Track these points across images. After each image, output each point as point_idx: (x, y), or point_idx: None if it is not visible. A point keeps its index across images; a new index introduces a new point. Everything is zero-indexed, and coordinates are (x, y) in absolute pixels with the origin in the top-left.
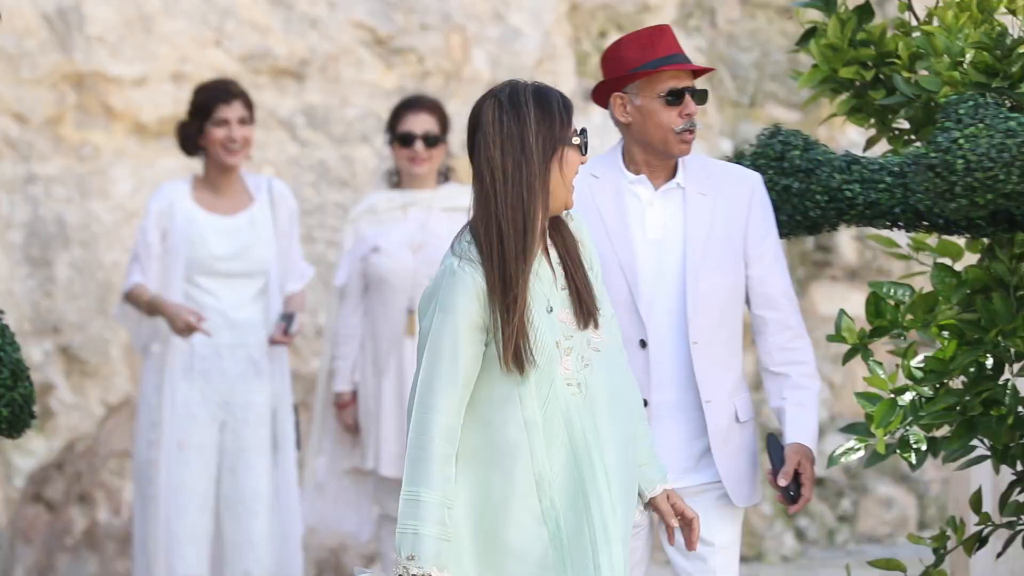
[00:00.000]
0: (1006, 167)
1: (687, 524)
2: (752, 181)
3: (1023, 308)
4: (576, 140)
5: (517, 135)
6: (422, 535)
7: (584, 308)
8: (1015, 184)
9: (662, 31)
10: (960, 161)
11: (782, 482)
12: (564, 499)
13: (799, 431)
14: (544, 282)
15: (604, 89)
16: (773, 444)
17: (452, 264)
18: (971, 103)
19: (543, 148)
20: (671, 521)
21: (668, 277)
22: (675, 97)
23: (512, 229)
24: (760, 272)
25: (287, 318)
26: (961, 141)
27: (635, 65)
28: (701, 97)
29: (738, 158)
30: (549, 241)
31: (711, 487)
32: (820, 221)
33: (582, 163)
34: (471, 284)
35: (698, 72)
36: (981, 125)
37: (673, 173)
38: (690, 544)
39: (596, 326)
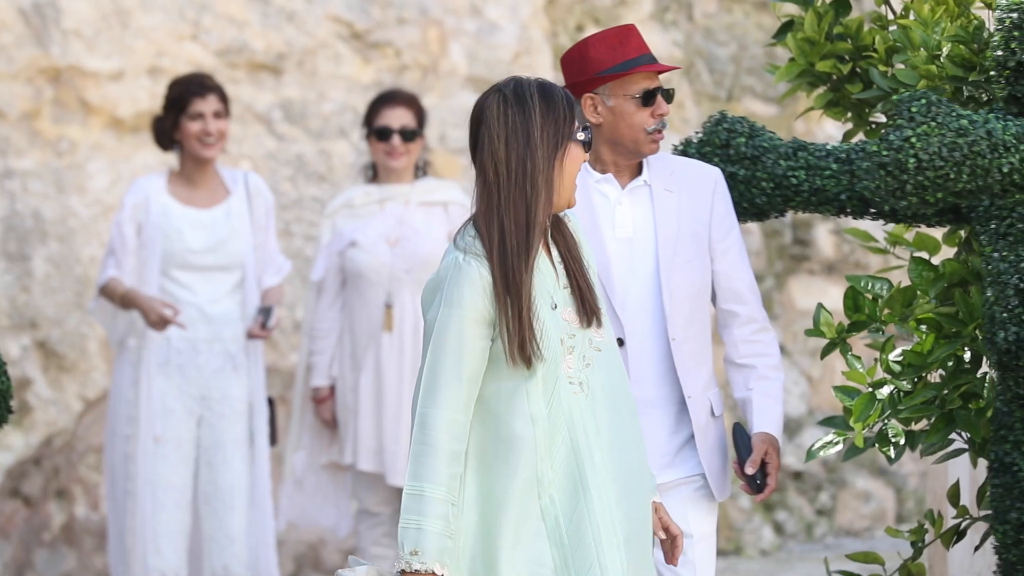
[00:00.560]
0: (957, 166)
1: (671, 539)
2: (713, 176)
3: None
4: (581, 136)
5: (522, 130)
6: (425, 530)
7: (587, 307)
8: (965, 183)
9: (629, 30)
10: (912, 160)
11: (749, 470)
12: (564, 497)
13: (765, 421)
14: (547, 279)
15: (572, 91)
16: (740, 433)
17: (457, 258)
18: (923, 101)
19: (548, 143)
20: (658, 534)
21: (641, 274)
22: (648, 98)
23: (514, 225)
24: (725, 267)
25: (265, 312)
26: (913, 140)
27: (606, 66)
28: (669, 96)
29: (684, 146)
30: (551, 239)
31: (688, 480)
32: (766, 208)
33: (585, 159)
34: (477, 278)
35: (662, 70)
36: (933, 124)
37: (638, 171)
38: (671, 559)
39: (599, 325)
